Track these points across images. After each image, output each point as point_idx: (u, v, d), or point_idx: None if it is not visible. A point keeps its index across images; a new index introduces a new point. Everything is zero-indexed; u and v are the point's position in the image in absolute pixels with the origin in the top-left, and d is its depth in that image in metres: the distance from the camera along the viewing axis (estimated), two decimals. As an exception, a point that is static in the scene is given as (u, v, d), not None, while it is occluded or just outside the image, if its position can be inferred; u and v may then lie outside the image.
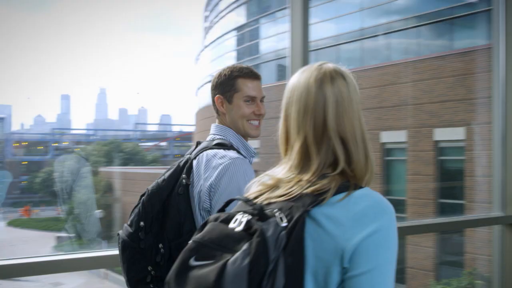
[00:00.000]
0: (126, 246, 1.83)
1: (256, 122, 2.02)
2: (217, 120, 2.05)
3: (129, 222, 1.86)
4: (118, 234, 1.89)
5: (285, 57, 3.17)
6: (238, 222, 1.15)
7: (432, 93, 13.50)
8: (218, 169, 1.78)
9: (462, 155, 12.97)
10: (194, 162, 1.87)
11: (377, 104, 14.29)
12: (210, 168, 1.80)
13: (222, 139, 1.95)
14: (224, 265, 1.07)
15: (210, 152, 1.86)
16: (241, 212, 1.17)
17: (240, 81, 1.98)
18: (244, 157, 1.89)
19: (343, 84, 1.31)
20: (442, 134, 13.29)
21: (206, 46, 28.20)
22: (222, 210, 1.30)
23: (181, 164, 1.89)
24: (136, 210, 1.87)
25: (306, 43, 3.06)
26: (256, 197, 1.27)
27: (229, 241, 1.12)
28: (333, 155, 1.27)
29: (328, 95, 1.28)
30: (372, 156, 1.31)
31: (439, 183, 13.40)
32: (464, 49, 13.32)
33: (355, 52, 16.45)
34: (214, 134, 2.00)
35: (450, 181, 13.53)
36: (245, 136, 2.01)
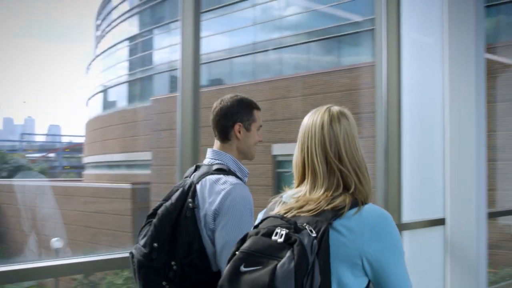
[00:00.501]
0: (141, 266, 2.01)
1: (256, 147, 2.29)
2: (219, 145, 2.22)
3: (142, 243, 2.02)
4: (132, 254, 2.05)
5: (177, 68, 3.17)
6: (279, 235, 1.45)
7: (321, 107, 13.93)
8: (221, 194, 1.99)
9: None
10: (198, 186, 2.06)
11: (269, 117, 14.58)
12: (213, 193, 2.01)
13: (220, 163, 2.15)
14: (274, 268, 1.38)
15: (212, 177, 2.07)
16: (279, 227, 1.48)
17: (255, 112, 2.26)
18: (240, 178, 2.12)
19: (347, 123, 1.68)
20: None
21: (97, 56, 27.48)
22: (256, 226, 1.58)
23: (185, 188, 2.07)
24: (148, 232, 2.03)
25: (197, 55, 3.08)
26: (285, 213, 1.58)
27: (273, 250, 1.43)
28: (342, 178, 1.62)
29: (337, 132, 1.65)
30: (369, 178, 1.66)
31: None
32: (351, 65, 13.93)
33: (248, 66, 16.70)
34: (211, 159, 2.19)
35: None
36: (250, 158, 2.27)
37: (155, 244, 1.99)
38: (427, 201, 4.84)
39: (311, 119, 1.71)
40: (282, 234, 1.45)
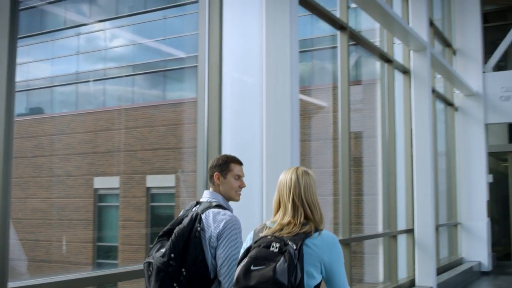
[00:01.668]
0: (159, 271, 2.74)
1: (239, 192, 3.11)
2: (211, 188, 3.07)
3: (161, 254, 2.76)
4: (149, 263, 2.80)
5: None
6: (275, 247, 2.34)
7: (145, 141, 13.85)
8: (223, 222, 2.84)
9: (172, 202, 13.47)
10: (203, 216, 2.87)
11: (90, 149, 14.11)
12: (217, 221, 2.85)
13: (217, 202, 2.99)
14: (274, 267, 2.27)
15: (214, 210, 2.91)
16: (273, 242, 2.36)
17: (232, 165, 3.08)
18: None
19: (308, 178, 2.57)
20: (154, 181, 13.66)
21: None
22: (255, 242, 2.44)
23: (193, 216, 2.85)
24: (167, 246, 2.78)
25: (12, 82, 2.91)
26: (273, 233, 2.43)
27: (272, 256, 2.32)
28: (303, 211, 2.49)
29: (300, 184, 2.54)
30: (321, 212, 2.52)
31: (151, 229, 13.66)
32: (175, 100, 14.05)
33: (70, 95, 16.08)
34: (209, 197, 3.03)
35: (162, 226, 13.87)
36: (233, 200, 3.09)
37: (172, 255, 2.75)
38: (247, 232, 4.97)
39: (285, 175, 2.61)
40: (277, 246, 2.35)
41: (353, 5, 7.47)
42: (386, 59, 8.70)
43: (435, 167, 10.49)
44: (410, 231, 8.94)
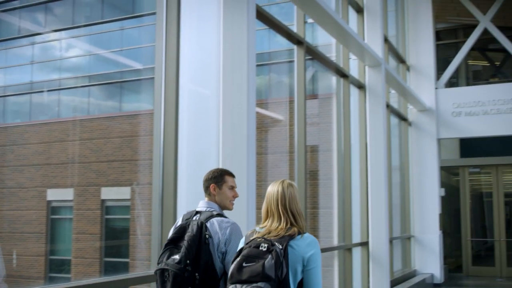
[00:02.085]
0: (177, 276, 2.99)
1: (233, 201, 3.44)
2: (206, 198, 3.39)
3: (177, 261, 3.01)
4: (163, 270, 3.04)
5: None
6: (263, 247, 2.70)
7: (100, 152, 13.66)
8: (228, 229, 3.17)
9: (127, 214, 13.30)
10: (208, 224, 3.16)
11: (44, 160, 13.82)
12: (223, 228, 3.16)
13: (216, 211, 3.30)
14: (263, 263, 2.63)
15: (218, 219, 3.21)
16: (262, 243, 2.72)
17: (226, 177, 3.43)
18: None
19: (292, 189, 2.95)
20: (109, 193, 13.46)
21: None
22: (247, 243, 2.80)
23: (199, 224, 3.14)
24: (182, 253, 3.04)
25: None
26: (262, 236, 2.79)
27: (261, 254, 2.68)
28: (288, 218, 2.87)
29: (286, 194, 2.91)
30: (303, 219, 2.94)
31: (105, 242, 13.43)
32: (132, 111, 13.92)
33: (24, 105, 15.75)
34: (207, 207, 3.33)
35: (116, 239, 13.69)
36: (227, 209, 3.41)
37: (188, 261, 3.02)
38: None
39: (272, 188, 2.98)
40: (265, 246, 2.72)
41: (309, 20, 7.58)
42: (342, 74, 8.84)
43: (389, 181, 10.67)
44: (364, 244, 9.05)
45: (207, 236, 3.09)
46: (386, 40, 11.28)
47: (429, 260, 12.94)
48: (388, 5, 12.30)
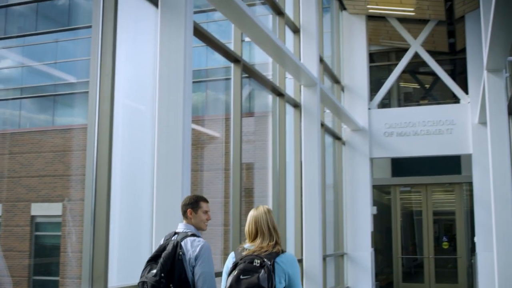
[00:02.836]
0: (154, 286, 3.56)
1: (207, 223, 3.98)
2: (184, 220, 3.94)
3: (154, 274, 3.60)
4: (143, 282, 3.63)
5: None
6: (257, 262, 3.33)
7: (31, 167, 13.25)
8: (199, 247, 3.70)
9: (58, 231, 12.92)
10: (182, 243, 3.72)
11: (-30, 175, 13.28)
12: (194, 246, 3.71)
13: (191, 232, 3.84)
14: (258, 276, 3.28)
15: (191, 238, 3.77)
16: (255, 259, 3.34)
17: (201, 203, 3.96)
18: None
19: (271, 213, 3.61)
20: (39, 209, 13.06)
21: None
22: (240, 259, 3.41)
23: (175, 243, 3.69)
24: (158, 267, 3.62)
25: None
26: (252, 253, 3.40)
27: (255, 269, 3.32)
28: (273, 237, 3.51)
29: (268, 217, 3.58)
30: (280, 238, 3.57)
31: (34, 260, 12.99)
32: (64, 126, 13.60)
33: (-50, 118, 15.10)
34: (184, 229, 3.88)
35: (46, 257, 13.26)
36: (202, 229, 3.96)
37: (162, 274, 3.59)
38: (136, 265, 4.88)
39: (257, 212, 3.63)
40: (258, 262, 3.34)
41: (247, 39, 7.67)
42: (278, 92, 8.96)
43: (323, 199, 10.84)
44: (299, 261, 9.10)
45: (180, 253, 3.70)
46: (321, 60, 11.53)
47: (361, 277, 13.18)
48: (324, 27, 12.60)
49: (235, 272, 3.36)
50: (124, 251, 4.79)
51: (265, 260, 3.35)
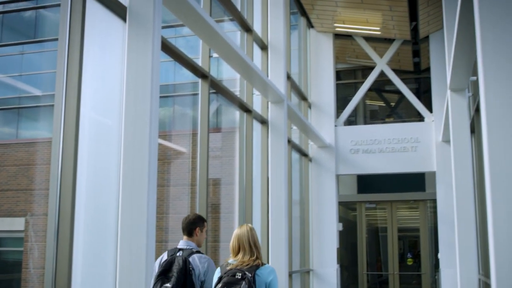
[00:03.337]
0: None
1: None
2: (186, 237, 4.45)
3: (170, 286, 4.09)
4: None
5: None
6: (238, 275, 3.85)
7: (-7, 181, 12.97)
8: (206, 263, 4.26)
9: (20, 247, 12.65)
10: (190, 259, 4.21)
11: None
12: (202, 262, 4.24)
13: (195, 248, 4.34)
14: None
15: (197, 255, 4.29)
16: (237, 272, 3.85)
17: (205, 223, 4.54)
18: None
19: (253, 230, 4.11)
20: (2, 224, 12.78)
21: None
22: (224, 273, 3.93)
23: (183, 259, 4.18)
24: (173, 280, 4.12)
25: None
26: (235, 267, 3.90)
27: (237, 281, 3.84)
28: (254, 253, 3.99)
29: (250, 235, 4.06)
30: (261, 253, 4.08)
31: (-5, 276, 12.67)
32: (28, 139, 13.38)
33: None
34: (187, 245, 4.36)
35: (7, 273, 12.95)
36: (200, 246, 4.48)
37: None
38: (100, 281, 4.81)
39: (241, 230, 4.10)
40: (240, 275, 3.79)
41: (215, 55, 7.69)
42: (246, 108, 8.99)
43: (289, 215, 10.87)
44: (264, 277, 9.10)
45: (191, 268, 4.16)
46: (289, 77, 11.62)
47: (326, 293, 13.21)
48: (292, 44, 12.72)
49: (219, 286, 3.88)
50: (88, 268, 4.72)
51: (246, 272, 3.83)
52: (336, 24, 13.74)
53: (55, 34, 4.71)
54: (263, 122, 9.72)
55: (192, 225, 4.41)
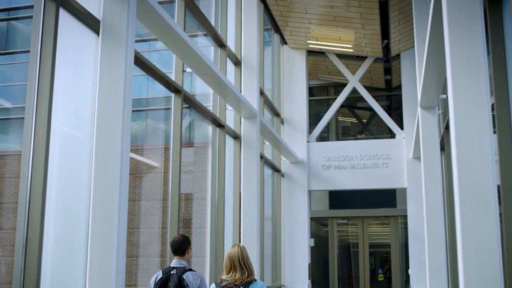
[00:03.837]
0: None
1: None
2: (178, 257, 4.79)
3: None
4: None
5: None
6: None
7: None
8: (199, 279, 4.68)
9: (-14, 262, 12.35)
10: (184, 276, 4.62)
11: None
12: (195, 278, 4.65)
13: (187, 267, 4.74)
14: None
15: (191, 272, 4.70)
16: (233, 287, 4.34)
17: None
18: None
19: (244, 250, 4.52)
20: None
21: None
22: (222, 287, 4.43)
23: (178, 277, 4.62)
24: None
25: None
26: (231, 282, 4.36)
27: None
28: (246, 270, 4.39)
29: (241, 254, 4.45)
30: (253, 270, 4.52)
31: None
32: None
33: None
34: (180, 264, 4.74)
35: (-29, 290, 12.63)
36: (189, 263, 4.85)
37: None
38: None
39: (234, 250, 4.47)
40: None
41: (188, 70, 7.70)
42: (218, 123, 9.00)
43: (261, 231, 10.86)
44: (235, 293, 9.05)
45: (185, 285, 4.59)
46: (262, 93, 11.67)
47: (298, 309, 13.19)
48: (265, 60, 12.80)
49: None
50: (57, 283, 4.65)
51: (241, 287, 4.30)
52: (309, 41, 13.87)
53: (27, 46, 4.67)
54: (236, 137, 9.73)
55: (184, 245, 4.82)
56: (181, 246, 4.79)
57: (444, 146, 9.62)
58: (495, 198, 4.43)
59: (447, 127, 9.10)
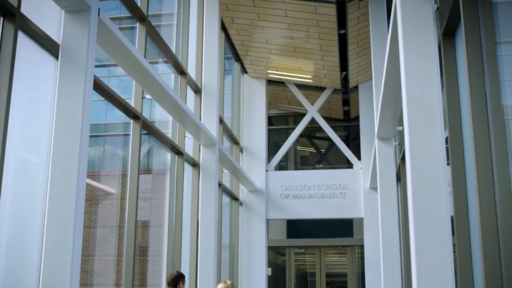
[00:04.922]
0: None
1: None
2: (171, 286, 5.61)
3: None
4: None
5: None
6: None
7: None
8: None
9: None
10: None
11: None
12: None
13: None
14: None
15: None
16: None
17: (184, 277, 5.77)
18: None
19: (233, 287, 5.95)
20: None
21: None
22: None
23: None
24: None
25: None
26: None
27: None
28: None
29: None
30: None
31: None
32: None
33: None
34: None
35: None
36: None
37: None
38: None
39: (224, 285, 5.89)
40: None
41: (148, 96, 7.67)
42: (177, 151, 8.96)
43: (218, 259, 10.77)
44: (191, 323, 8.93)
45: None
46: (221, 121, 11.70)
47: None
48: (226, 88, 12.87)
49: None
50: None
51: None
52: (269, 71, 14.03)
53: (-18, 69, 4.57)
54: (195, 165, 9.70)
55: (177, 280, 5.58)
56: (174, 280, 5.63)
57: (400, 176, 9.78)
58: (449, 229, 4.51)
59: (403, 158, 9.27)
